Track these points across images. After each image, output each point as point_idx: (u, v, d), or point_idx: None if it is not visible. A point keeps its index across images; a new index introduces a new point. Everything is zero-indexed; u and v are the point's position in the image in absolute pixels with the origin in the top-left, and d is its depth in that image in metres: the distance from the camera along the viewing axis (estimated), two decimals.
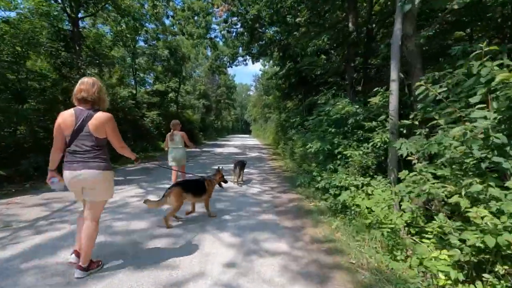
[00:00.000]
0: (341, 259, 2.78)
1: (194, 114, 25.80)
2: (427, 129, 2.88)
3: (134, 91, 15.56)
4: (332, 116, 4.61)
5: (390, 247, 2.86)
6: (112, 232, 3.29)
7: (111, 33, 13.10)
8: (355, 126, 4.96)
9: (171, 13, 15.87)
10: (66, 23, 9.54)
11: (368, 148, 3.90)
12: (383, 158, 4.22)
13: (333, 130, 4.94)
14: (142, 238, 3.16)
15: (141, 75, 18.16)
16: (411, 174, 2.64)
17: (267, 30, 16.79)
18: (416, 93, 2.53)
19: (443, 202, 2.36)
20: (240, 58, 21.64)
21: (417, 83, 2.47)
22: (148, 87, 19.78)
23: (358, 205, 3.60)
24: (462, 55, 2.90)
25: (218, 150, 16.43)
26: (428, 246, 2.25)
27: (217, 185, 4.26)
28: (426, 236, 2.78)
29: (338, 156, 4.72)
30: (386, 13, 7.38)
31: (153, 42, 17.40)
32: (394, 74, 3.56)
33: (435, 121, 2.64)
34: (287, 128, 17.25)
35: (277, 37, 16.33)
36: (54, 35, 8.94)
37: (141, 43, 17.02)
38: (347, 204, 3.79)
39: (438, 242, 2.20)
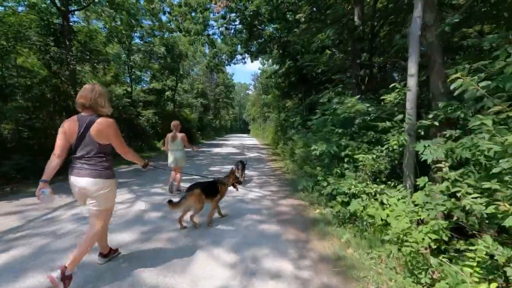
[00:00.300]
0: (357, 285, 2.37)
1: (191, 113, 25.33)
2: (457, 131, 2.47)
3: (129, 89, 15.08)
4: (340, 115, 4.20)
5: (411, 266, 2.46)
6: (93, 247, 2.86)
7: (105, 29, 12.61)
8: (362, 127, 4.55)
9: (168, 9, 15.40)
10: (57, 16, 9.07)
11: (381, 151, 3.49)
12: (396, 162, 3.82)
13: (339, 130, 4.53)
14: (123, 257, 2.73)
15: (137, 73, 17.68)
16: (441, 186, 2.22)
17: (266, 27, 16.37)
18: (452, 87, 2.12)
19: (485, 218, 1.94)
20: (239, 56, 21.18)
21: (454, 75, 2.05)
22: (144, 85, 19.30)
23: (371, 216, 3.19)
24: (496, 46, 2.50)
25: (216, 150, 16.00)
26: (470, 275, 1.83)
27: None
28: (454, 255, 2.39)
29: (345, 159, 4.32)
30: (389, 9, 7.00)
31: (149, 39, 16.92)
32: (412, 68, 3.15)
33: (464, 121, 2.24)
34: (287, 128, 16.86)
35: (277, 35, 15.92)
36: (43, 29, 8.47)
37: (137, 40, 16.57)
38: (357, 214, 3.38)
39: (485, 271, 1.77)
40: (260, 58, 22.48)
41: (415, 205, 2.82)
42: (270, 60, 23.19)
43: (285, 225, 3.78)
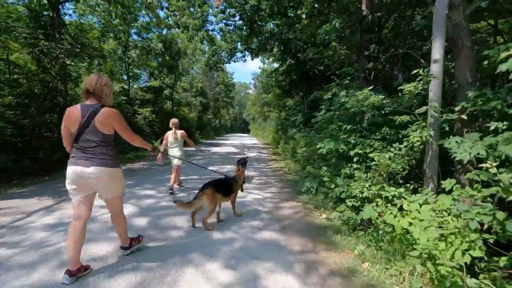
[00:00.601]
0: None
1: (190, 112, 24.90)
2: (505, 123, 2.04)
3: (126, 87, 14.63)
4: (349, 109, 3.77)
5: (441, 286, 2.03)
6: (60, 263, 2.42)
7: (101, 24, 12.17)
8: (373, 122, 4.12)
9: (166, 4, 14.96)
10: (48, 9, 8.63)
11: (400, 150, 3.05)
12: (414, 162, 3.39)
13: (348, 127, 4.10)
14: (97, 274, 2.29)
15: (135, 70, 17.25)
16: (485, 190, 1.79)
17: (267, 23, 15.95)
18: (504, 68, 1.68)
19: None
20: (239, 54, 20.75)
21: (505, 53, 1.61)
22: (143, 83, 18.86)
23: (388, 224, 2.76)
24: None
25: (215, 149, 15.57)
26: None
27: None
28: (496, 275, 1.97)
29: (355, 159, 3.89)
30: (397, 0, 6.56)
31: (148, 35, 16.50)
32: (437, 53, 2.72)
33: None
34: (288, 127, 16.44)
35: (278, 31, 15.49)
36: (32, 21, 8.03)
37: (135, 37, 16.13)
38: (372, 221, 2.95)
39: None
40: (260, 56, 22.04)
41: (441, 213, 2.40)
42: (270, 59, 22.82)
43: (288, 232, 3.34)
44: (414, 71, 2.70)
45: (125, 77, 16.36)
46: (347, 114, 4.27)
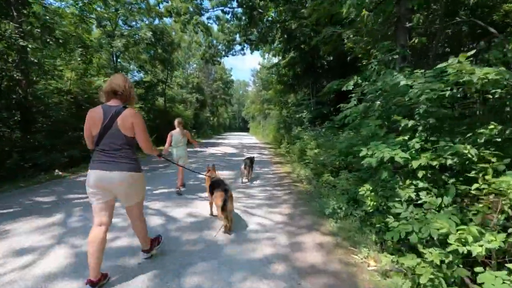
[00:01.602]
0: None
1: (186, 109, 23.39)
2: None
3: None
4: (415, 96, 2.31)
5: None
6: None
7: (78, 8, 10.63)
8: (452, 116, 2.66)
9: None
10: None
11: None
12: None
13: (410, 123, 2.63)
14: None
15: (123, 64, 15.75)
16: None
17: (268, 11, 14.45)
18: None
19: None
20: (237, 47, 19.29)
21: None
22: (133, 77, 17.32)
23: None
24: None
25: (212, 150, 14.09)
26: None
27: None
28: None
29: (419, 174, 2.45)
30: None
31: (137, 25, 14.96)
32: None
33: None
34: (291, 125, 14.99)
35: (280, 19, 14.00)
36: None
37: (123, 26, 14.56)
38: None
39: None
40: (260, 49, 20.55)
41: None
42: (271, 53, 21.32)
43: None
44: None
45: (112, 71, 14.84)
46: (402, 104, 2.81)
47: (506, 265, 1.58)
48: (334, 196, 3.95)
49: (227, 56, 19.79)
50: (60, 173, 6.68)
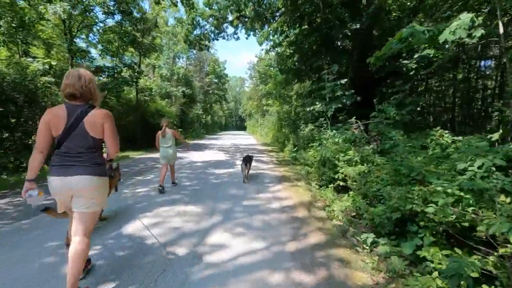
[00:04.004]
0: None
1: (171, 105, 19.89)
2: None
3: (54, 63, 9.54)
4: None
5: None
6: None
7: None
8: None
9: None
10: None
11: None
12: None
13: None
14: None
15: (80, 44, 12.25)
16: None
17: None
18: None
19: None
20: (230, 30, 15.92)
21: None
22: (98, 63, 13.74)
23: None
24: None
25: (196, 156, 10.66)
26: None
27: None
28: None
29: None
30: None
31: None
32: None
33: None
34: (297, 122, 11.59)
35: None
36: None
37: None
38: None
39: None
40: (257, 34, 17.08)
41: None
42: (271, 36, 17.85)
43: None
44: None
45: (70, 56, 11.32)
46: None
47: None
48: None
49: (217, 39, 16.36)
50: None
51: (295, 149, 8.93)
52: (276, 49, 14.85)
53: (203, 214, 3.70)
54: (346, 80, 6.05)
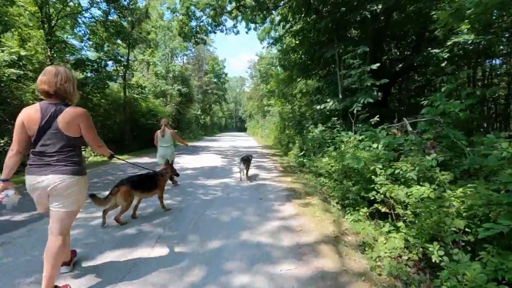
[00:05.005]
0: None
1: (166, 105, 18.57)
2: None
3: (22, 53, 8.21)
4: None
5: None
6: None
7: None
8: None
9: None
10: None
11: None
12: None
13: None
14: None
15: (60, 35, 10.97)
16: None
17: None
18: None
19: None
20: (229, 24, 14.61)
21: None
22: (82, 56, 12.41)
23: None
24: None
25: (189, 161, 9.32)
26: None
27: None
28: None
29: None
30: None
31: None
32: None
33: None
34: (303, 123, 10.26)
35: None
36: None
37: None
38: None
39: None
40: (258, 27, 15.92)
41: None
42: (272, 33, 16.57)
43: None
44: None
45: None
46: None
47: None
48: None
49: (215, 32, 15.00)
50: None
51: (302, 153, 7.59)
52: (278, 44, 13.54)
53: (174, 268, 2.32)
54: (378, 64, 4.66)
